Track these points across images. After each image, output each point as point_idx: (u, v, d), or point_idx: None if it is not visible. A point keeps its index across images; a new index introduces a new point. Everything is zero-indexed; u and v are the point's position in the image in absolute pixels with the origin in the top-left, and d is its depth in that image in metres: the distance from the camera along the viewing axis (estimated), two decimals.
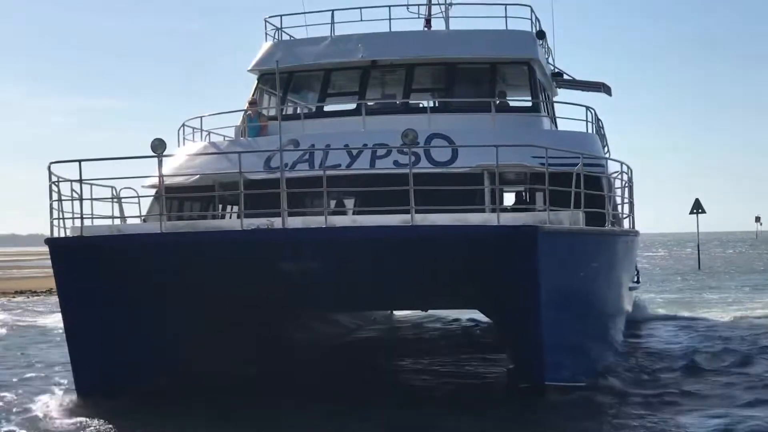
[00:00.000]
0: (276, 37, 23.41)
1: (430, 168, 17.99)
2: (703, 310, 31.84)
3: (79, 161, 15.97)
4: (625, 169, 18.83)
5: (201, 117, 21.26)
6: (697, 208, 54.44)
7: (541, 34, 22.43)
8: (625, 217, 20.08)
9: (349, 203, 21.29)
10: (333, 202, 19.94)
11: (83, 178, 16.04)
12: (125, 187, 18.11)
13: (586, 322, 17.00)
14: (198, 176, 19.01)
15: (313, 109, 21.82)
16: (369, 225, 15.44)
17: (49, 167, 16.29)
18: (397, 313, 31.47)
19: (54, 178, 16.29)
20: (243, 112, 21.44)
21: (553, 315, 14.99)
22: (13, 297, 46.55)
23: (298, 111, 22.01)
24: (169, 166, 19.79)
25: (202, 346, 18.01)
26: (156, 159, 16.43)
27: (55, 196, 16.30)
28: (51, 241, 16.23)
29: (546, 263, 14.75)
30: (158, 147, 15.67)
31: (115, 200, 17.15)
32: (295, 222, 15.56)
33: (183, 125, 21.81)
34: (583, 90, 26.84)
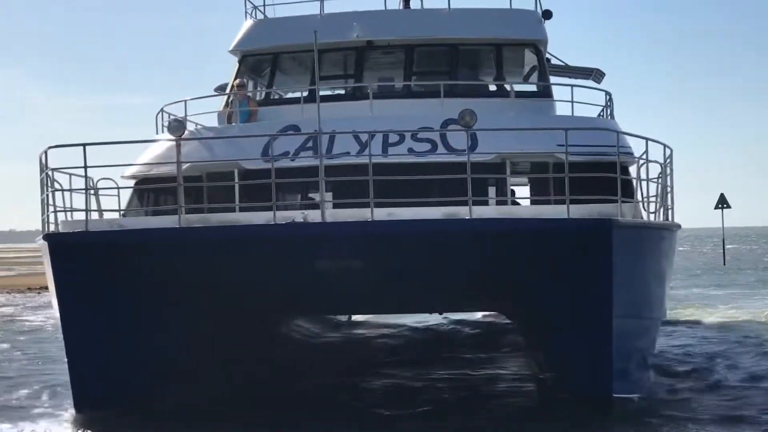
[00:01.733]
0: (255, 16, 21.60)
1: (447, 156, 16.44)
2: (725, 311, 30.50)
3: (84, 145, 14.05)
4: (667, 152, 16.47)
5: (185, 101, 19.24)
6: (722, 203, 53.20)
7: (547, 14, 20.92)
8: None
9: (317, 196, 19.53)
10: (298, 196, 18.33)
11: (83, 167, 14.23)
12: (103, 178, 16.34)
13: (644, 327, 15.58)
14: (187, 166, 17.17)
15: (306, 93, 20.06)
16: (427, 219, 13.84)
17: (44, 154, 14.32)
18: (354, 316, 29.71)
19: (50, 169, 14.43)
20: (230, 96, 19.57)
21: (621, 319, 13.52)
22: (39, 293, 47.42)
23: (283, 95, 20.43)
24: (151, 153, 18.03)
25: (209, 352, 16.32)
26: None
27: (55, 186, 14.42)
28: (51, 237, 14.05)
29: (619, 262, 13.25)
30: (177, 128, 13.93)
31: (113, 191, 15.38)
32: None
33: (162, 111, 19.90)
34: (570, 77, 25.50)
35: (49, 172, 14.50)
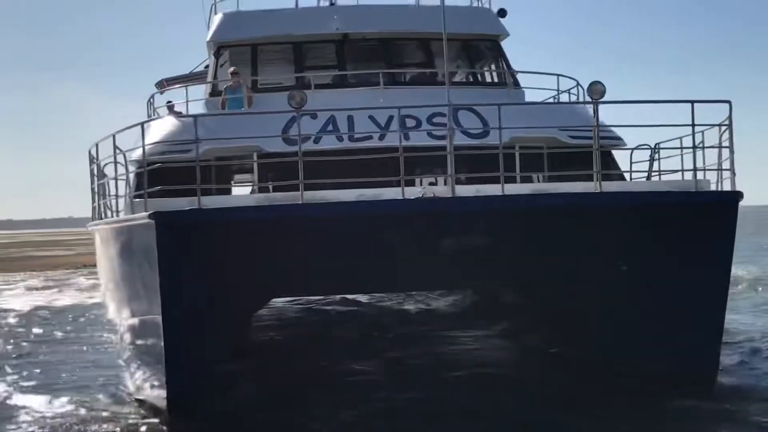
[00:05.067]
0: (215, 11, 21.98)
1: (466, 140, 17.57)
2: None
3: (195, 117, 14.14)
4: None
5: (185, 86, 19.51)
6: None
7: (502, 12, 22.50)
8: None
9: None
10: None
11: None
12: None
13: None
14: (207, 149, 17.46)
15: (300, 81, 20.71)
16: (562, 192, 14.28)
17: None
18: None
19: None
20: (218, 85, 19.92)
21: None
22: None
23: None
24: (161, 133, 17.89)
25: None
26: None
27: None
28: (160, 216, 12.99)
29: None
30: (298, 99, 13.74)
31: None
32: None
33: (152, 97, 20.11)
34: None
35: (145, 149, 14.21)
